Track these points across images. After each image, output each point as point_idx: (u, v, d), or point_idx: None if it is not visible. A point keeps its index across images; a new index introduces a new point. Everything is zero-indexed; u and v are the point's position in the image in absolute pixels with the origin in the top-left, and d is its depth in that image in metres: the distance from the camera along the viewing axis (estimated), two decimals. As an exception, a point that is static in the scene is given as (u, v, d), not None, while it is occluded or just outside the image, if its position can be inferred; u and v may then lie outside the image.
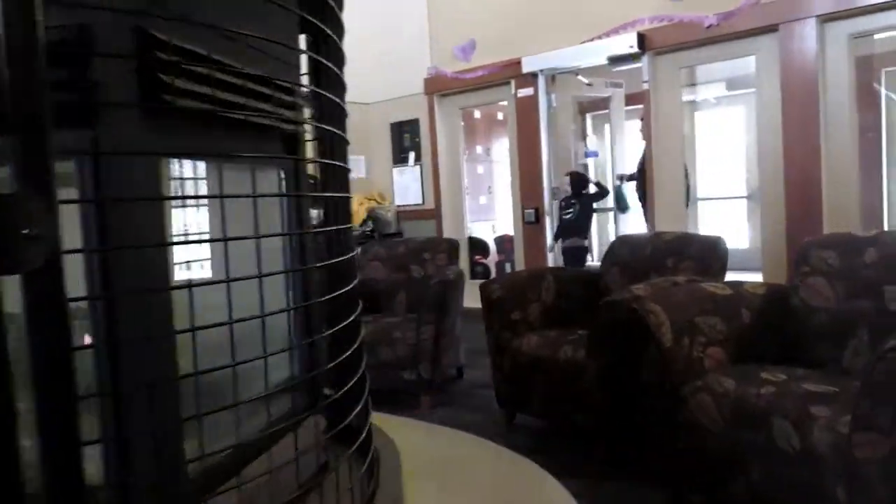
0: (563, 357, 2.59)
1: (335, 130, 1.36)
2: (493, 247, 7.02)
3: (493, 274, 6.71)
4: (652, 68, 4.91)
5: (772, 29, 4.35)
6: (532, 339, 2.80)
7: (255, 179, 1.24)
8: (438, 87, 6.15)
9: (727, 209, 7.70)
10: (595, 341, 2.43)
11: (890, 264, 2.05)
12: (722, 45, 4.65)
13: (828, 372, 2.07)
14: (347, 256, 1.33)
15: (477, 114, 7.51)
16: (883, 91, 6.02)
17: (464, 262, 6.35)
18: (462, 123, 7.11)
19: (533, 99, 5.56)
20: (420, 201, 6.48)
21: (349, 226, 1.44)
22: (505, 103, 5.92)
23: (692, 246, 2.81)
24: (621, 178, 6.14)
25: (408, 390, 3.34)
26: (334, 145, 1.40)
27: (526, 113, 5.63)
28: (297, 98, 1.31)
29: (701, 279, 2.62)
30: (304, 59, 1.38)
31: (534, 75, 5.49)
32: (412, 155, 6.48)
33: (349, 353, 1.35)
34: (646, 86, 4.95)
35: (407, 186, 6.56)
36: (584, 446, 2.69)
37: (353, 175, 6.54)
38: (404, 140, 6.53)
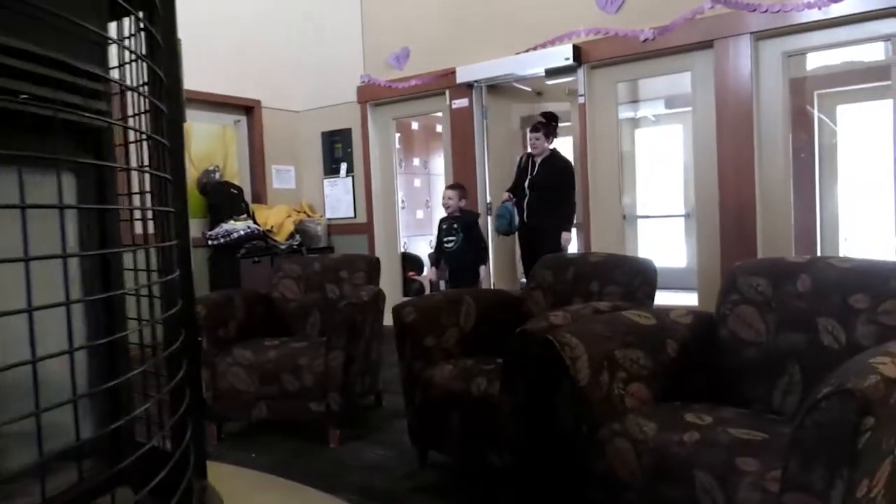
0: (477, 391, 2.34)
1: (143, 132, 1.07)
2: (427, 263, 6.75)
3: (428, 291, 6.44)
4: (587, 82, 4.77)
5: (707, 45, 4.26)
6: (445, 370, 2.54)
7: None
8: (371, 95, 5.90)
9: (667, 227, 7.67)
10: (508, 374, 2.19)
11: (823, 294, 1.88)
12: (658, 61, 4.54)
13: (757, 412, 1.88)
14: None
15: (415, 125, 7.29)
16: (815, 113, 6.06)
17: (397, 280, 6.09)
18: (398, 134, 6.87)
19: (468, 110, 5.36)
20: (352, 215, 6.18)
21: (168, 244, 1.15)
22: (440, 114, 5.70)
23: (618, 269, 2.61)
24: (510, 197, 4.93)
25: (316, 423, 3.04)
26: (150, 150, 1.11)
27: (461, 125, 5.42)
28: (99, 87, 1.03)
29: (627, 305, 2.41)
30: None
31: (469, 86, 5.29)
32: (344, 166, 6.19)
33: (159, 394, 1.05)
34: (581, 100, 4.80)
35: (338, 199, 6.26)
36: (497, 489, 2.45)
37: (281, 186, 6.15)
38: (335, 150, 6.24)
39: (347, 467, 2.76)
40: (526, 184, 4.84)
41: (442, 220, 4.75)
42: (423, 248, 7.26)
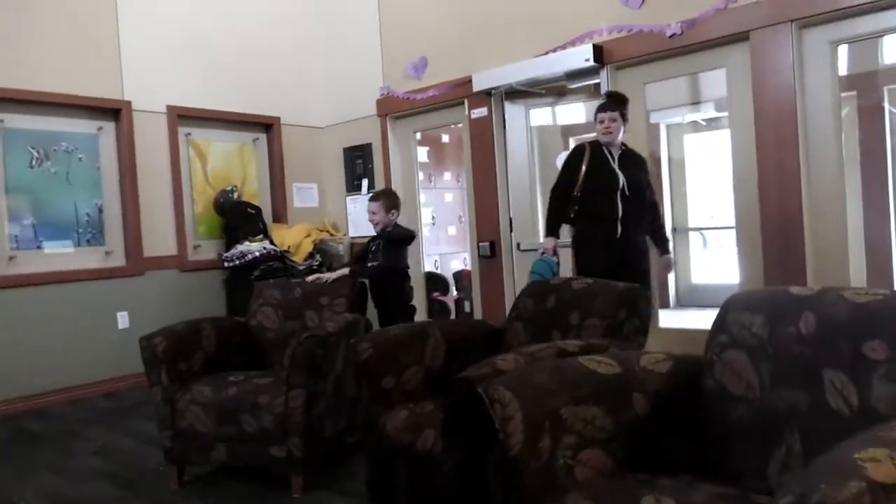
0: (422, 446, 1.99)
1: None
2: (452, 282, 6.41)
3: (453, 313, 6.10)
4: (612, 83, 4.33)
5: (742, 37, 3.77)
6: (400, 417, 2.19)
7: None
8: (391, 108, 5.63)
9: (726, 240, 7.05)
10: (447, 430, 1.83)
11: (830, 338, 1.43)
12: (688, 57, 4.07)
13: (745, 491, 1.44)
14: None
15: (445, 138, 6.98)
16: (888, 109, 5.38)
17: (421, 301, 5.77)
18: (427, 148, 6.63)
19: (487, 120, 5.00)
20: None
21: None
22: (461, 125, 5.37)
23: (600, 298, 2.20)
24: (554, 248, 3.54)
25: (278, 468, 2.74)
26: None
27: (480, 136, 5.07)
28: None
29: (604, 344, 2.00)
30: None
31: (487, 94, 4.94)
32: (365, 182, 5.94)
33: None
34: (605, 104, 4.36)
35: (361, 217, 6.00)
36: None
37: (303, 204, 5.95)
38: (357, 166, 6.00)
39: (302, 523, 2.45)
40: (623, 185, 3.42)
41: (371, 240, 3.97)
42: (456, 266, 6.92)
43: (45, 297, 4.56)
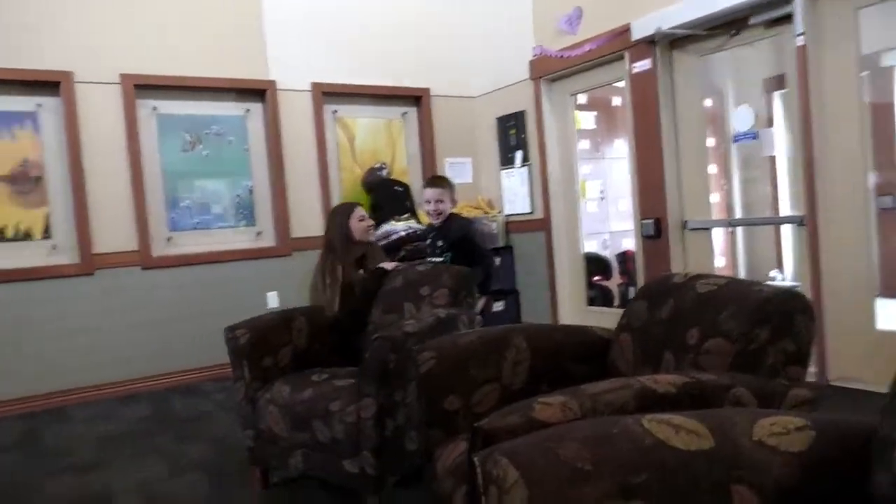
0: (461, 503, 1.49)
1: None
2: (616, 265, 5.65)
3: (616, 300, 5.37)
4: (810, 14, 3.34)
5: None
6: (454, 452, 1.71)
7: None
8: (544, 69, 5.03)
9: None
10: (470, 491, 1.31)
11: None
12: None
13: None
14: None
15: (616, 100, 6.17)
16: None
17: (579, 286, 5.16)
18: (593, 113, 5.93)
19: (650, 73, 4.21)
20: (528, 210, 5.39)
21: None
22: (622, 84, 4.61)
23: (729, 309, 1.49)
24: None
25: (352, 486, 2.39)
26: None
27: (643, 93, 4.30)
28: None
29: (728, 381, 1.34)
30: None
31: (650, 42, 4.15)
32: (519, 154, 5.41)
33: None
34: (800, 40, 3.39)
35: (515, 192, 5.51)
36: None
37: (457, 180, 5.59)
38: (510, 137, 5.49)
39: (362, 558, 2.08)
40: None
41: (428, 232, 3.40)
42: (628, 245, 6.13)
43: (199, 277, 4.71)
